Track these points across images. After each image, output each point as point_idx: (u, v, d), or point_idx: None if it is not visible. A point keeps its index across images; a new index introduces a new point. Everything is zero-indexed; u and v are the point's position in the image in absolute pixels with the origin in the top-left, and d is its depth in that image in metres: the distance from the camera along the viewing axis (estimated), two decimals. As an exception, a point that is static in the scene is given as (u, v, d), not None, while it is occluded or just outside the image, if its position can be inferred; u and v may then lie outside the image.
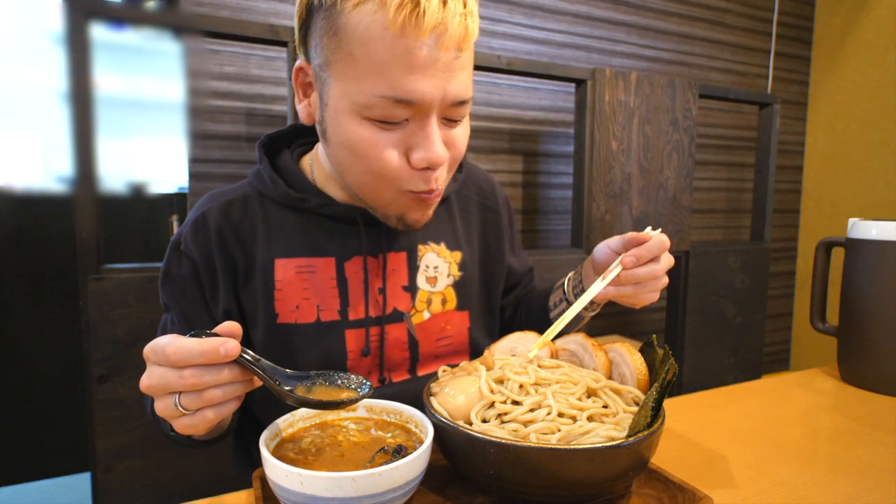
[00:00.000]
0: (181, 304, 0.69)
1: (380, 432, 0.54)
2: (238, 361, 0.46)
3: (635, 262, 0.62)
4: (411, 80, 0.54)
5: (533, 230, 2.25)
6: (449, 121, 0.60)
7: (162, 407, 0.46)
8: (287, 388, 0.48)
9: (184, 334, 0.70)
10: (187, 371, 0.44)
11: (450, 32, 0.53)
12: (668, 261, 0.65)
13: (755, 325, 2.23)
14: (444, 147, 0.58)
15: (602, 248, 0.68)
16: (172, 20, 1.31)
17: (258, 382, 0.48)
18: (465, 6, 0.55)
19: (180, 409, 0.46)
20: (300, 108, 0.64)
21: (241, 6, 1.68)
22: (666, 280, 0.65)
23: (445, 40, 0.54)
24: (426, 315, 0.73)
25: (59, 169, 1.83)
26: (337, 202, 0.69)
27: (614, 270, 0.63)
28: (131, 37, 1.77)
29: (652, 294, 0.65)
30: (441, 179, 0.61)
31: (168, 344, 0.44)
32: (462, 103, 0.58)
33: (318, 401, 0.48)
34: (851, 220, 0.91)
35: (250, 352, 0.48)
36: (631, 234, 0.64)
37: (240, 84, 1.69)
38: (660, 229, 0.65)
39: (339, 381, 0.52)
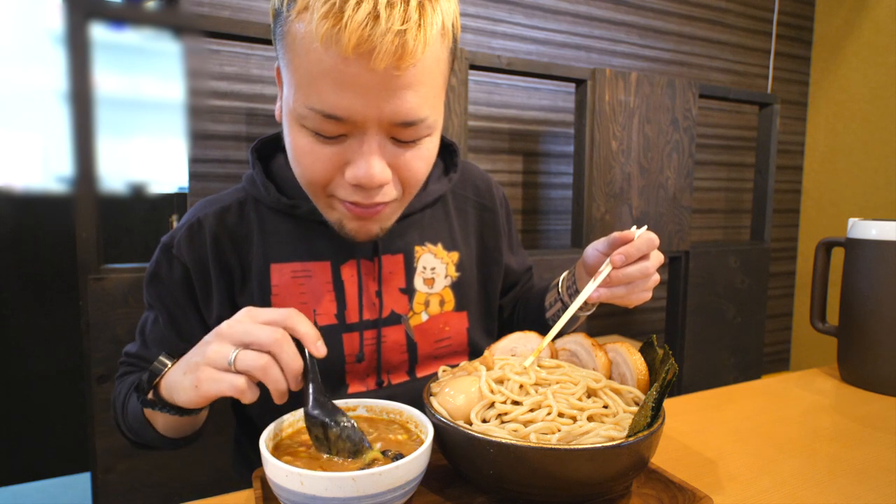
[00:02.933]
0: (168, 306, 0.69)
1: (380, 432, 0.54)
2: (307, 362, 0.49)
3: (624, 261, 0.61)
4: (339, 96, 0.51)
5: (533, 230, 2.25)
6: (400, 142, 0.56)
7: (215, 349, 0.48)
8: (315, 412, 0.50)
9: (169, 335, 0.71)
10: (281, 332, 0.48)
11: (379, 51, 0.48)
12: (657, 258, 0.64)
13: (755, 325, 2.23)
14: (383, 168, 0.55)
15: (590, 251, 0.67)
16: (172, 20, 1.31)
17: (278, 400, 0.50)
18: (404, 21, 0.49)
19: (230, 361, 0.47)
20: (276, 107, 0.64)
21: (241, 6, 1.68)
22: (657, 278, 0.65)
23: (375, 59, 0.49)
24: (424, 317, 0.73)
25: (59, 169, 1.83)
26: None
27: (604, 271, 0.63)
28: (131, 37, 1.77)
29: (645, 293, 0.64)
30: (385, 198, 0.59)
31: (287, 310, 0.49)
32: (410, 124, 0.54)
33: (332, 450, 0.49)
34: (851, 220, 0.91)
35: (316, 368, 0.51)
36: (616, 234, 0.64)
37: (240, 84, 1.69)
38: (645, 227, 0.64)
39: (364, 444, 0.50)
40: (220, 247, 0.68)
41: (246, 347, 0.48)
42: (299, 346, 0.50)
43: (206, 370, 0.49)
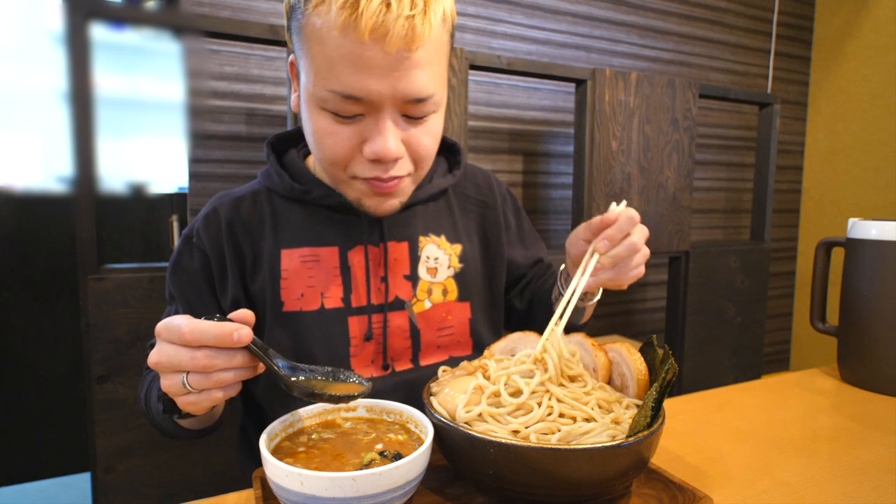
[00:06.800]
0: (188, 296, 0.72)
1: (380, 432, 0.54)
2: (248, 348, 0.48)
3: (608, 246, 0.62)
4: (357, 78, 0.57)
5: (533, 230, 2.25)
6: (410, 118, 0.61)
7: (168, 384, 0.48)
8: (293, 378, 0.50)
9: None
10: (200, 353, 0.45)
11: (392, 34, 0.54)
12: (642, 232, 0.64)
13: (755, 325, 2.23)
14: (397, 143, 0.61)
15: (573, 241, 0.68)
16: (172, 20, 1.31)
17: (262, 369, 0.49)
18: (412, 7, 0.55)
19: (187, 387, 0.47)
20: (292, 98, 0.68)
21: (241, 6, 1.68)
22: (646, 252, 0.65)
23: (388, 42, 0.55)
24: (427, 304, 0.75)
25: (59, 169, 1.83)
26: (338, 193, 0.72)
27: (592, 260, 0.63)
28: (131, 37, 1.77)
29: (635, 270, 0.64)
30: (400, 172, 0.64)
31: (184, 324, 0.45)
32: (420, 101, 0.60)
33: (322, 392, 0.49)
34: (851, 220, 0.91)
35: (259, 340, 0.49)
36: (597, 219, 0.64)
37: (240, 84, 1.69)
38: (624, 202, 0.64)
39: (342, 377, 0.53)
40: (234, 233, 0.71)
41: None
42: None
43: (179, 399, 0.49)
